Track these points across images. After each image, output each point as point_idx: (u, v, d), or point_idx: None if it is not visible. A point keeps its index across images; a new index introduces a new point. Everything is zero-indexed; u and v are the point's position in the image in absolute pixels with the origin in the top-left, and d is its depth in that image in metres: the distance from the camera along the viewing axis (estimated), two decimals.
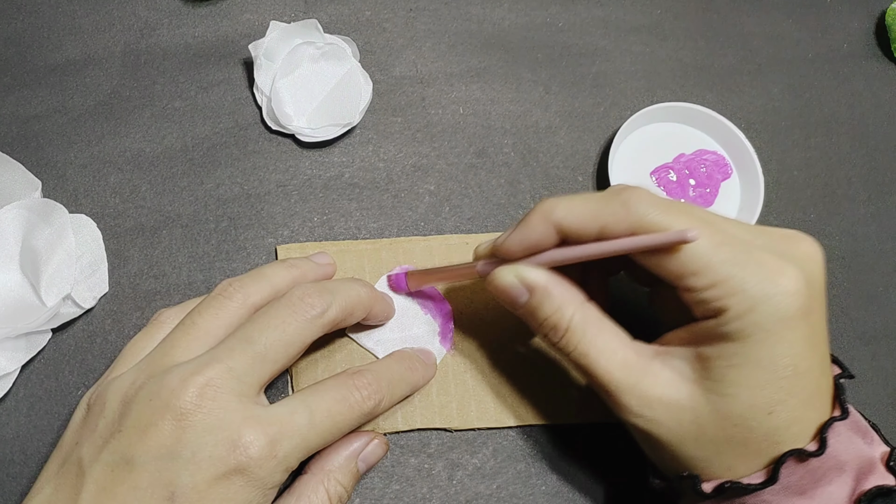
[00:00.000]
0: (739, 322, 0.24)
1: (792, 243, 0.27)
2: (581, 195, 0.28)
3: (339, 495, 0.29)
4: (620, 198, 0.26)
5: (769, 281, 0.24)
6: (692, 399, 0.26)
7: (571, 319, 0.28)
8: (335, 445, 0.30)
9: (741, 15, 0.45)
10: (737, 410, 0.25)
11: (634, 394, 0.27)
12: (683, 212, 0.26)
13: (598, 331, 0.28)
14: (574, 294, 0.28)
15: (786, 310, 0.24)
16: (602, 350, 0.27)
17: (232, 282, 0.30)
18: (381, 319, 0.34)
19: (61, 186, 0.37)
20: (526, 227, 0.28)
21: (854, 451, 0.26)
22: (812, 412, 0.26)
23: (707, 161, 0.40)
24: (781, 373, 0.25)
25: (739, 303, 0.24)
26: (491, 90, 0.41)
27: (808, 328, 0.25)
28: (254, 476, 0.25)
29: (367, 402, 0.29)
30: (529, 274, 0.28)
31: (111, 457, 0.25)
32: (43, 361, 0.34)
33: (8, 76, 0.39)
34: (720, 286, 0.25)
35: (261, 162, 0.39)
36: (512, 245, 0.29)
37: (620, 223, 0.26)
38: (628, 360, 0.27)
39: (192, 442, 0.25)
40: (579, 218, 0.27)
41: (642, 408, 0.27)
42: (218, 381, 0.26)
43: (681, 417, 0.26)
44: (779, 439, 0.26)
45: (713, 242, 0.25)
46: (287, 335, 0.27)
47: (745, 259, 0.25)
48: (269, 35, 0.39)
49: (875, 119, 0.44)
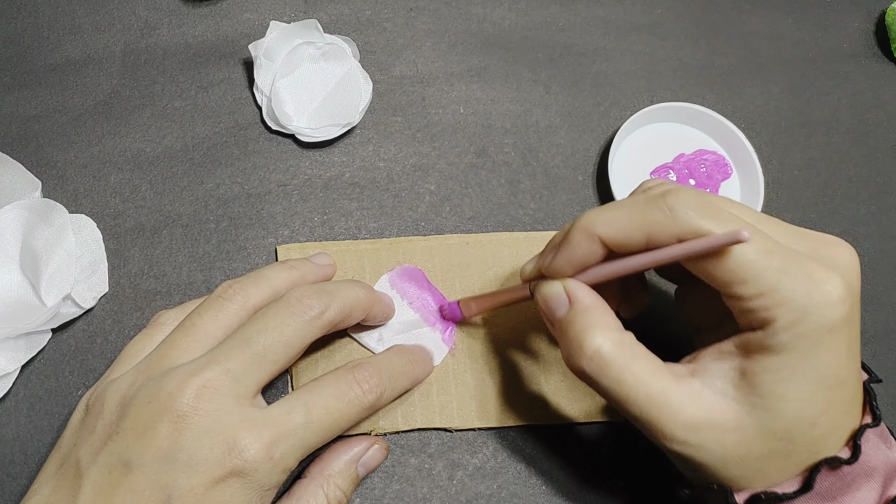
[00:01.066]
0: (787, 333, 0.24)
1: (832, 249, 0.26)
2: (619, 204, 0.26)
3: (339, 500, 0.29)
4: (664, 203, 0.25)
5: (817, 291, 0.24)
6: (737, 419, 0.25)
7: (603, 344, 0.26)
8: (335, 449, 0.30)
9: (741, 15, 0.45)
10: (783, 425, 0.25)
11: (678, 421, 0.25)
12: (729, 214, 0.25)
13: (633, 357, 0.26)
14: (612, 319, 0.27)
15: (832, 320, 0.24)
16: (639, 377, 0.26)
17: (231, 283, 0.30)
18: (380, 320, 0.34)
19: (61, 186, 0.37)
20: (570, 246, 0.27)
21: (882, 457, 0.26)
22: (849, 420, 0.26)
23: (707, 161, 0.40)
24: (825, 383, 0.24)
25: (787, 313, 0.24)
26: (491, 90, 0.41)
27: (849, 337, 0.25)
28: (251, 479, 0.25)
29: (368, 396, 0.29)
30: (574, 286, 0.27)
31: (109, 459, 0.25)
32: (43, 361, 0.34)
33: (8, 76, 0.39)
34: (769, 296, 0.24)
35: (261, 162, 0.39)
36: (558, 265, 0.28)
37: (667, 231, 0.25)
38: (667, 386, 0.26)
39: (189, 445, 0.25)
40: (624, 230, 0.26)
41: (687, 435, 0.25)
42: (216, 383, 0.26)
43: (725, 439, 0.25)
44: (818, 449, 0.25)
45: (763, 249, 0.24)
46: (286, 336, 0.27)
47: (794, 268, 0.24)
48: (269, 35, 0.39)
49: (875, 119, 0.44)
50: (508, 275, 0.36)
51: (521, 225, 0.39)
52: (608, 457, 0.35)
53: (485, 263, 0.36)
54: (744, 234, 0.23)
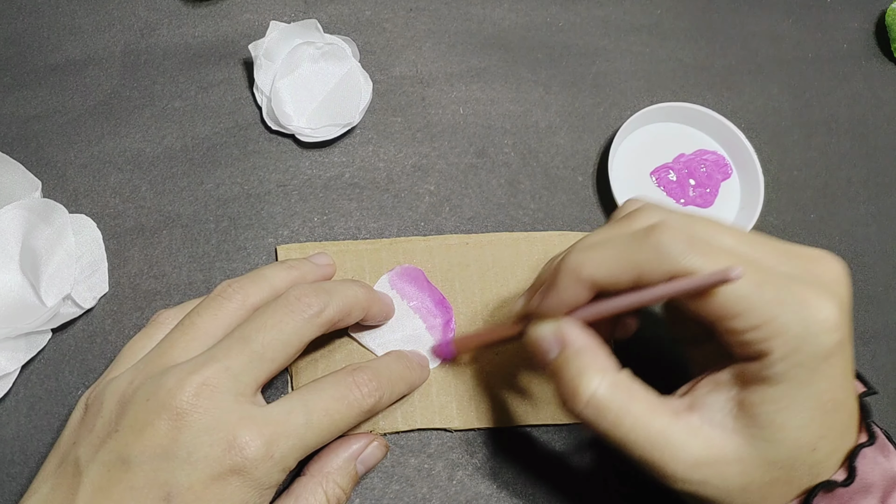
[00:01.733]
0: (784, 364, 0.24)
1: (819, 265, 0.26)
2: (606, 242, 0.26)
3: (338, 497, 0.29)
4: (650, 242, 0.25)
5: (811, 319, 0.23)
6: (738, 452, 0.25)
7: (598, 388, 0.26)
8: (334, 447, 0.30)
9: (741, 15, 0.45)
10: (784, 453, 0.25)
11: (679, 461, 0.25)
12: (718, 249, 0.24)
13: (630, 398, 0.26)
14: (606, 360, 0.27)
15: (827, 346, 0.24)
16: (637, 418, 0.25)
17: (231, 283, 0.30)
18: (379, 320, 0.34)
19: (61, 186, 0.37)
20: (558, 291, 0.26)
21: (879, 471, 0.26)
22: (846, 440, 0.26)
23: (707, 161, 0.40)
24: (823, 408, 0.24)
25: (783, 344, 0.23)
26: (491, 90, 0.41)
27: (844, 360, 0.25)
28: (250, 477, 0.25)
29: (367, 400, 0.29)
30: (567, 328, 0.27)
31: (108, 457, 0.25)
32: (43, 361, 0.34)
33: (8, 76, 0.39)
34: (764, 328, 0.24)
35: (261, 162, 0.39)
36: (548, 309, 0.27)
37: (655, 271, 0.24)
38: (667, 426, 0.25)
39: (188, 442, 0.25)
40: (611, 271, 0.25)
41: (690, 473, 0.25)
42: (215, 381, 0.26)
43: (728, 472, 0.25)
44: (818, 472, 0.25)
45: (755, 282, 0.24)
46: (284, 335, 0.27)
47: (785, 297, 0.24)
48: (269, 35, 0.39)
49: (875, 119, 0.44)
50: (508, 275, 0.36)
51: (521, 225, 0.39)
52: (608, 457, 0.35)
53: (485, 263, 0.36)
54: (733, 273, 0.23)
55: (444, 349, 0.34)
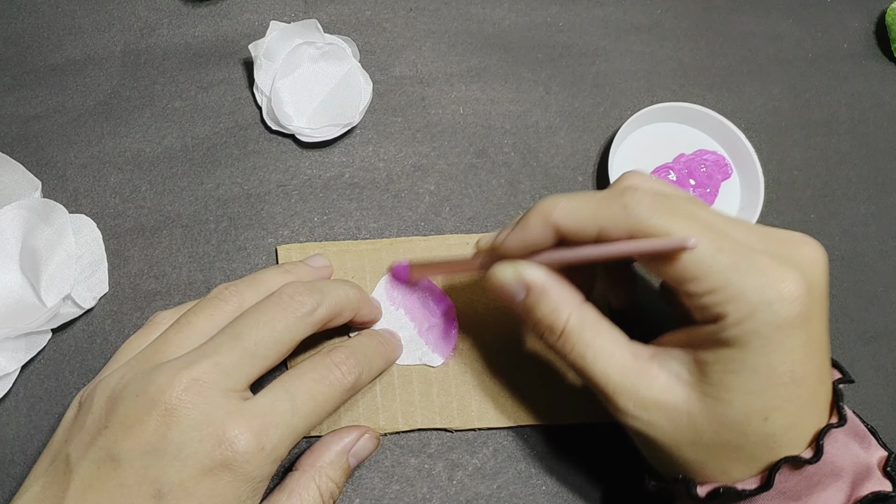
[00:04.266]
0: (737, 329, 0.24)
1: (795, 247, 0.26)
2: (582, 194, 0.27)
3: (331, 491, 0.29)
4: (621, 200, 0.26)
5: (769, 287, 0.24)
6: (688, 403, 0.26)
7: (568, 321, 0.28)
8: (326, 441, 0.31)
9: (741, 15, 0.45)
10: (732, 416, 0.25)
11: (631, 396, 0.27)
12: (684, 215, 0.25)
13: (596, 333, 0.28)
14: (571, 295, 0.28)
15: (784, 317, 0.24)
16: (599, 352, 0.27)
17: (228, 286, 0.30)
18: (367, 322, 0.34)
19: (61, 186, 0.37)
20: (524, 227, 0.28)
21: (851, 457, 0.26)
22: (809, 419, 0.26)
23: (707, 161, 0.40)
24: (778, 380, 0.25)
25: (738, 309, 0.24)
26: (491, 90, 0.41)
27: (806, 335, 0.25)
28: (242, 471, 0.25)
29: (348, 378, 0.29)
30: (528, 272, 0.28)
31: (98, 454, 0.25)
32: (43, 361, 0.34)
33: (8, 76, 0.39)
34: (719, 292, 0.24)
35: (261, 162, 0.39)
36: (510, 245, 0.28)
37: (619, 227, 0.25)
38: (625, 362, 0.27)
39: (178, 438, 0.25)
40: (578, 220, 0.26)
41: (639, 410, 0.27)
42: (205, 377, 0.26)
43: (677, 421, 0.26)
44: (774, 445, 0.25)
45: (714, 248, 0.24)
46: (277, 332, 0.27)
47: (745, 265, 0.24)
48: (269, 35, 0.39)
49: (875, 119, 0.44)
50: None
51: None
52: (608, 457, 0.35)
53: None
54: (690, 242, 0.24)
55: (400, 272, 0.35)
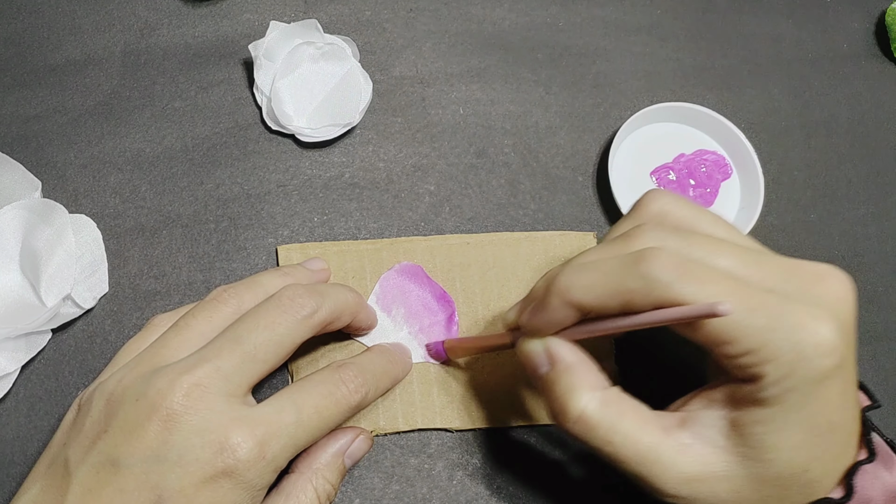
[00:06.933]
0: (776, 388, 0.23)
1: (822, 283, 0.25)
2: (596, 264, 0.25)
3: (328, 493, 0.29)
4: (639, 270, 0.24)
5: (806, 343, 0.23)
6: (728, 469, 0.25)
7: (587, 406, 0.26)
8: (321, 443, 0.30)
9: (741, 15, 0.45)
10: (775, 473, 0.25)
11: (669, 476, 0.25)
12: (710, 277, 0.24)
13: (620, 415, 0.26)
14: (595, 377, 0.27)
15: (822, 370, 0.23)
16: (627, 435, 0.25)
17: (227, 288, 0.30)
18: (363, 327, 0.34)
19: (61, 186, 0.37)
20: (546, 311, 0.26)
21: (880, 485, 0.26)
22: (843, 459, 0.26)
23: (707, 161, 0.40)
24: (817, 431, 0.24)
25: (776, 369, 0.23)
26: (491, 90, 0.41)
27: (842, 382, 0.24)
28: (242, 478, 0.25)
29: (354, 396, 0.29)
30: (557, 347, 0.27)
31: (97, 458, 0.25)
32: (43, 361, 0.34)
33: (8, 76, 0.39)
34: (755, 354, 0.23)
35: (261, 162, 0.39)
36: (536, 326, 0.27)
37: (643, 300, 0.24)
38: (657, 442, 0.25)
39: (179, 444, 0.24)
40: (598, 298, 0.25)
41: (679, 488, 0.25)
42: (206, 382, 0.25)
43: (718, 489, 0.25)
44: (811, 491, 0.25)
45: (746, 308, 0.23)
46: (277, 335, 0.27)
47: (779, 322, 0.23)
48: (269, 35, 0.39)
49: (875, 119, 0.44)
50: (509, 275, 0.36)
51: (522, 225, 0.39)
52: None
53: (485, 263, 0.36)
54: (721, 308, 0.22)
55: (435, 351, 0.34)
